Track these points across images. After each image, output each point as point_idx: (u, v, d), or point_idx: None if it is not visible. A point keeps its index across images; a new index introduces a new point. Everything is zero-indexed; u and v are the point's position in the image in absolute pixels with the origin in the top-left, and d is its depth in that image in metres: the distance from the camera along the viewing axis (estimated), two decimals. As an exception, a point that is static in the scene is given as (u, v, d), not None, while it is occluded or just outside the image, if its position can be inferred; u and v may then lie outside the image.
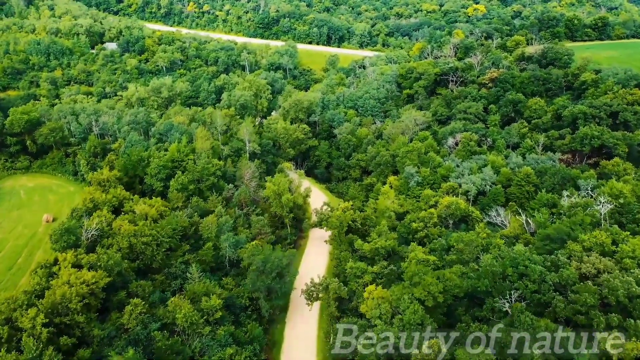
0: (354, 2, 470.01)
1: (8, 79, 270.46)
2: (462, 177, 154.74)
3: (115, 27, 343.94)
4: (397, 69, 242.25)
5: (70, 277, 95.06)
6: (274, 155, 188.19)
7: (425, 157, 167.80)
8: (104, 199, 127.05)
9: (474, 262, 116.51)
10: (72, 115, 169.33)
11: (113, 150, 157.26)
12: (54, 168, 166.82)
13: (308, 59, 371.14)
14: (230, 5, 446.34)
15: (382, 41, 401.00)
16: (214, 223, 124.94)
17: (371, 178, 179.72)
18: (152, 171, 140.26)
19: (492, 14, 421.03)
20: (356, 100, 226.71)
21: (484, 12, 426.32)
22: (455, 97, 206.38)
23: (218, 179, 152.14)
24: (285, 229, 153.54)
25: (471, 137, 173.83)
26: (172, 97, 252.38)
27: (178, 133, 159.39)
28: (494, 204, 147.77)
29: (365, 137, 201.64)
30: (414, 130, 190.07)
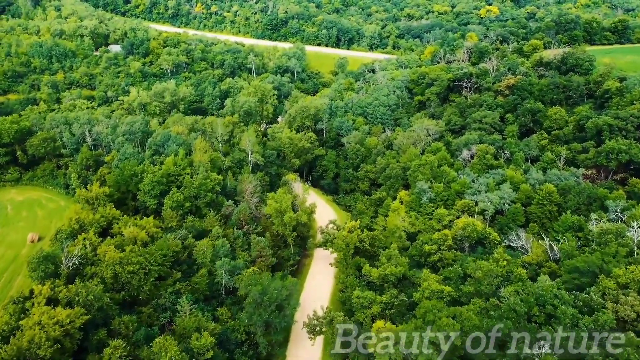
0: (364, 3, 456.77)
1: (9, 82, 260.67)
2: (478, 194, 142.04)
3: (120, 29, 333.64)
4: (408, 74, 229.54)
5: (43, 316, 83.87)
6: (278, 166, 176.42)
7: (439, 170, 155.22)
8: (91, 220, 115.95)
9: (494, 295, 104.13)
10: (65, 125, 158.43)
11: (106, 163, 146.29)
12: (45, 180, 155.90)
13: (316, 61, 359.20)
14: (238, 6, 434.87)
15: (393, 43, 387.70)
16: (209, 247, 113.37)
17: (380, 192, 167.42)
18: (145, 187, 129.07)
19: (505, 15, 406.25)
20: (365, 107, 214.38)
21: (497, 13, 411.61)
22: (469, 105, 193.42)
23: (217, 195, 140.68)
24: (288, 248, 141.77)
25: (487, 149, 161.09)
26: (175, 102, 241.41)
27: (175, 144, 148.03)
28: (513, 224, 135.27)
29: (375, 147, 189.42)
30: (426, 140, 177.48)
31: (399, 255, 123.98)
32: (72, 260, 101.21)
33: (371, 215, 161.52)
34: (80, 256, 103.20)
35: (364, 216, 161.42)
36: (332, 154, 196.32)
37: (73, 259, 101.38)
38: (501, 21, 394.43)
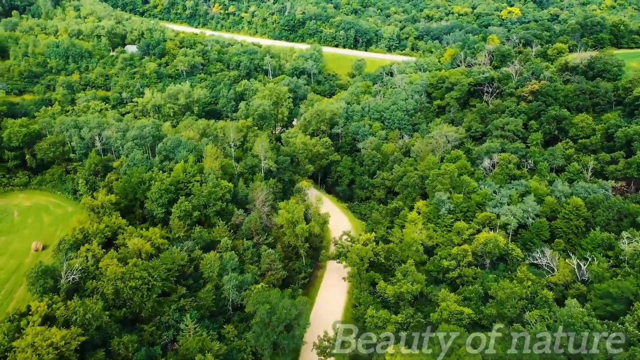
0: (383, 4, 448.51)
1: (25, 82, 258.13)
2: (500, 207, 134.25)
3: (137, 29, 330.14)
4: (427, 78, 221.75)
5: (37, 337, 78.58)
6: (291, 172, 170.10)
7: (458, 180, 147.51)
8: (95, 230, 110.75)
9: (518, 319, 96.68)
10: (75, 128, 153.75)
11: (114, 169, 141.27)
12: (54, 185, 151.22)
13: (334, 63, 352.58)
14: (256, 6, 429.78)
15: (411, 45, 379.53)
16: (216, 261, 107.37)
17: (397, 201, 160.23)
18: (152, 195, 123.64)
19: (527, 17, 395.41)
20: (382, 111, 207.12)
21: (518, 15, 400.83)
22: (491, 111, 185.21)
23: (227, 203, 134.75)
24: (300, 260, 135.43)
25: (510, 158, 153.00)
26: (190, 104, 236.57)
27: (186, 150, 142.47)
28: (537, 239, 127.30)
29: (392, 153, 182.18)
30: (445, 148, 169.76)
31: (415, 271, 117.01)
32: (72, 275, 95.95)
33: (387, 226, 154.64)
34: (82, 270, 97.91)
35: (380, 226, 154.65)
36: (348, 160, 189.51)
37: (73, 273, 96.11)
38: (523, 23, 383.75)
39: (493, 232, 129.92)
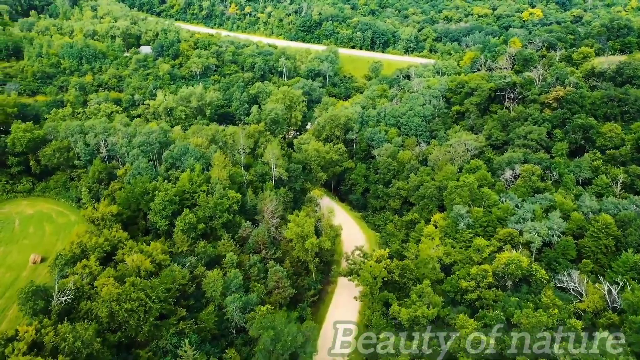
0: (401, 5, 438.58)
1: (38, 83, 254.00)
2: (523, 223, 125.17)
3: (152, 30, 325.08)
4: (446, 82, 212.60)
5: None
6: (303, 181, 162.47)
7: (478, 193, 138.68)
8: (94, 244, 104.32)
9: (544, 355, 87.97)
10: (80, 134, 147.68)
11: (118, 178, 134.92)
12: (58, 192, 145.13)
13: (350, 64, 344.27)
14: (272, 7, 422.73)
15: (429, 46, 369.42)
16: (219, 280, 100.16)
17: (413, 213, 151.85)
18: (156, 207, 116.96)
19: (549, 18, 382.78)
20: (399, 116, 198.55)
21: (540, 16, 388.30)
22: (512, 119, 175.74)
23: (234, 215, 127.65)
24: (310, 275, 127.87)
25: (533, 169, 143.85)
26: (202, 107, 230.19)
27: (193, 158, 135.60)
28: (562, 259, 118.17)
29: (408, 161, 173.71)
30: (464, 157, 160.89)
31: (431, 292, 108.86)
32: (65, 297, 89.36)
33: (402, 239, 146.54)
34: (75, 289, 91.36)
35: (394, 239, 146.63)
36: (362, 167, 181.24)
37: (66, 294, 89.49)
38: (545, 25, 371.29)
39: (515, 250, 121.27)
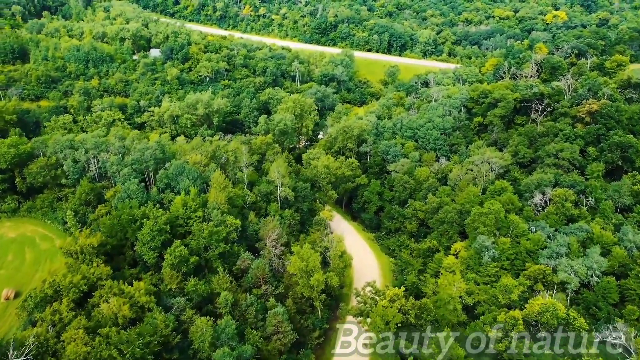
0: (419, 7, 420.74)
1: (42, 88, 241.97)
2: (556, 259, 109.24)
3: (162, 32, 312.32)
4: (467, 91, 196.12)
5: None
6: (311, 201, 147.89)
7: (505, 220, 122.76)
8: (68, 284, 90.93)
9: None
10: (70, 149, 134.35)
11: (106, 202, 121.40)
12: (44, 213, 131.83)
13: (365, 68, 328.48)
14: (287, 8, 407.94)
15: (449, 50, 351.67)
16: (208, 329, 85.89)
17: (431, 240, 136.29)
18: (143, 238, 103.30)
19: (574, 21, 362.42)
20: (416, 128, 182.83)
21: (564, 19, 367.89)
22: (541, 134, 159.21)
23: (232, 244, 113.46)
24: (315, 313, 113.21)
25: (566, 194, 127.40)
26: (209, 115, 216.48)
27: (189, 179, 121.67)
28: (603, 302, 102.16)
29: (426, 179, 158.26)
30: (488, 177, 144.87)
31: (453, 344, 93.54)
32: (23, 356, 75.71)
33: (418, 268, 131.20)
34: (38, 344, 77.91)
35: (410, 269, 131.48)
36: (376, 184, 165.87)
37: (24, 355, 75.84)
38: (569, 28, 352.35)
39: (548, 291, 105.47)
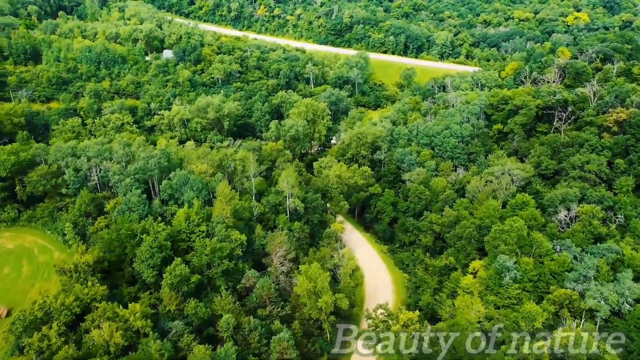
0: (436, 8, 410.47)
1: (53, 89, 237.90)
2: (584, 283, 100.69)
3: (176, 33, 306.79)
4: (487, 97, 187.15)
5: None
6: (322, 211, 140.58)
7: (527, 239, 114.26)
8: (59, 306, 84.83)
9: None
10: (72, 157, 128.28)
11: (106, 214, 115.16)
12: (44, 223, 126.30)
13: (381, 71, 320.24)
14: (302, 9, 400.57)
15: (466, 52, 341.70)
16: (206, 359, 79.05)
17: (447, 256, 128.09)
18: (142, 254, 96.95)
19: (596, 23, 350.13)
20: (433, 136, 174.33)
21: (586, 21, 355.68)
22: (565, 144, 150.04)
23: (237, 261, 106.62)
24: (324, 335, 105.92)
25: (594, 211, 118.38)
26: (220, 118, 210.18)
27: (193, 190, 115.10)
28: (635, 333, 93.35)
29: (442, 190, 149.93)
30: (509, 190, 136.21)
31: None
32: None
33: (434, 287, 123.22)
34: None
35: (425, 287, 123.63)
36: (390, 194, 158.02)
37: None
38: (591, 30, 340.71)
39: (575, 319, 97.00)
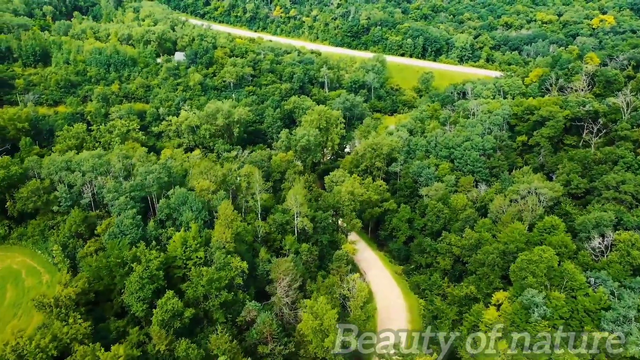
0: (456, 9, 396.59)
1: (61, 92, 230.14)
2: (624, 324, 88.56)
3: (188, 35, 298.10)
4: (510, 106, 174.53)
5: None
6: (333, 231, 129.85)
7: (557, 269, 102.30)
8: (35, 347, 75.35)
9: None
10: (66, 171, 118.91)
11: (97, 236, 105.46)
12: (35, 241, 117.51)
13: (398, 74, 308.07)
14: (319, 10, 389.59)
15: (486, 56, 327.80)
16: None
17: (468, 285, 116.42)
18: (131, 286, 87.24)
19: (622, 26, 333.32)
20: (453, 148, 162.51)
21: (612, 24, 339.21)
22: (597, 161, 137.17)
23: (236, 291, 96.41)
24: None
25: (632, 239, 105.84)
26: (230, 125, 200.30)
27: (192, 211, 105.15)
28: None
29: (463, 208, 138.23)
30: (536, 211, 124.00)
31: None
32: None
33: (453, 318, 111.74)
34: None
35: (443, 318, 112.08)
36: (406, 210, 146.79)
37: None
38: (618, 33, 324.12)
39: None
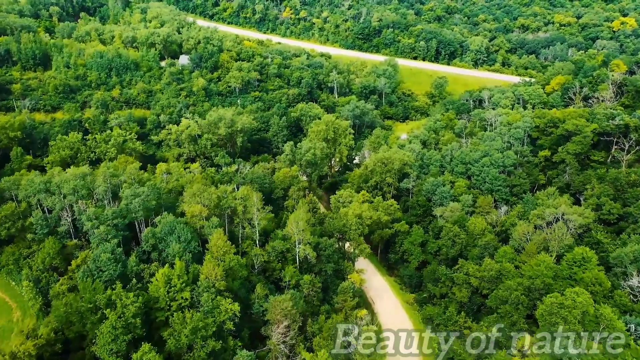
0: (470, 11, 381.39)
1: (59, 98, 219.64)
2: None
3: (194, 38, 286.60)
4: (532, 118, 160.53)
5: None
6: (338, 259, 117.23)
7: (592, 314, 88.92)
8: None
9: None
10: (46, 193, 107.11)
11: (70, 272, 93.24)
12: (9, 271, 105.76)
13: (410, 78, 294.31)
14: (329, 12, 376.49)
15: (502, 59, 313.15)
16: None
17: (488, 324, 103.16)
18: (103, 338, 75.35)
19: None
20: (470, 164, 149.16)
21: (634, 27, 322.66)
22: (631, 183, 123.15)
23: (227, 336, 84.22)
24: None
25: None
26: (233, 134, 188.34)
27: (179, 242, 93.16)
28: None
29: (482, 233, 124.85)
30: (564, 240, 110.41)
31: None
32: None
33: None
34: None
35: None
36: (419, 233, 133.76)
37: None
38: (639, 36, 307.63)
39: None
